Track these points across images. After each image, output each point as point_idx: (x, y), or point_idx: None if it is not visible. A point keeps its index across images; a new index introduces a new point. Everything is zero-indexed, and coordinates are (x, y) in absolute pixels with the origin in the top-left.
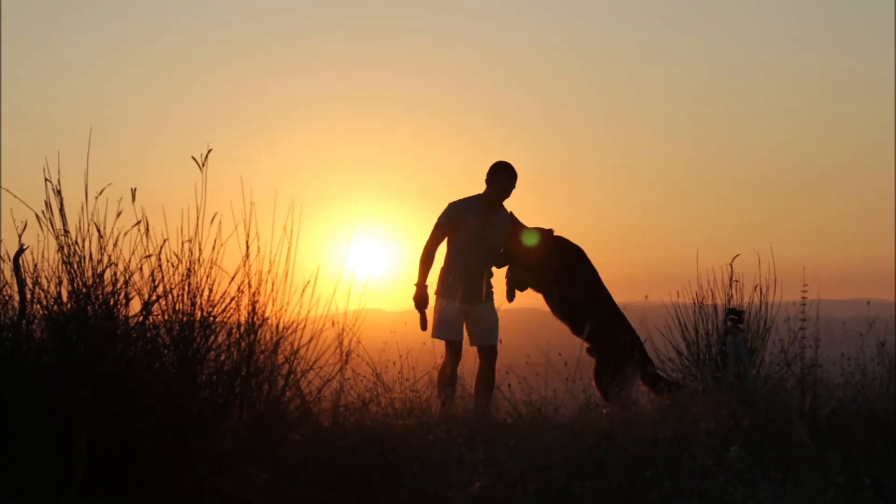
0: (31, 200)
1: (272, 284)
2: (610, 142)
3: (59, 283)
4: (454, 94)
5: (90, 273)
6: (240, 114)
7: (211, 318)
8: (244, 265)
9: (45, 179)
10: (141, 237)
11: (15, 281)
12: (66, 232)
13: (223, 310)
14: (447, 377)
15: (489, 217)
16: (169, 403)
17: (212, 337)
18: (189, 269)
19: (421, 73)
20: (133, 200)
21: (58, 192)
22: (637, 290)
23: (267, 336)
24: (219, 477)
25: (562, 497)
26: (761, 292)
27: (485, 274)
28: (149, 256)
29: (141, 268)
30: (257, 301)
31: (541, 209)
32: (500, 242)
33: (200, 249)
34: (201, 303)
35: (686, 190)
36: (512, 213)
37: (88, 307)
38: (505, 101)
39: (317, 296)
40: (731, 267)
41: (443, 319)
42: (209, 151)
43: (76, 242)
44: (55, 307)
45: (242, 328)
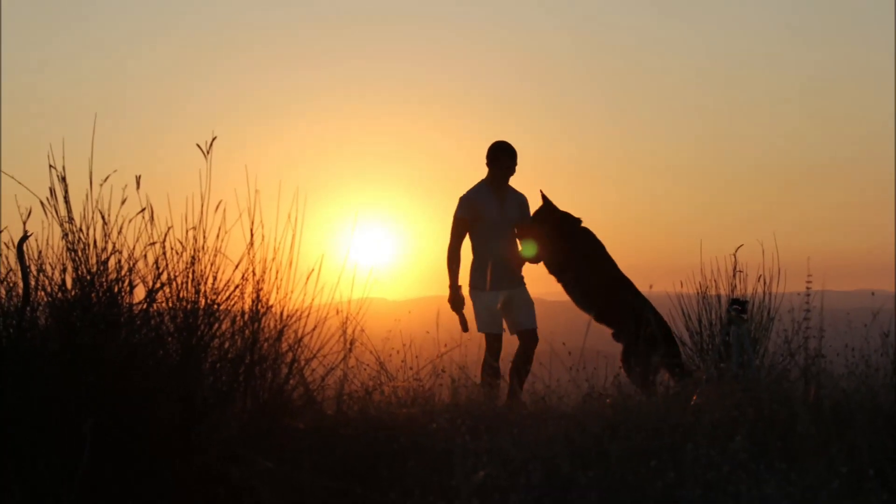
0: (36, 187)
1: (276, 272)
2: (614, 132)
3: (64, 271)
4: (459, 84)
5: (94, 260)
6: (245, 102)
7: (215, 306)
8: (248, 253)
9: (50, 166)
10: (145, 225)
11: (19, 268)
12: (71, 219)
13: (227, 298)
14: (493, 369)
15: (502, 196)
16: (173, 391)
17: (216, 325)
18: (193, 257)
19: (426, 63)
20: (138, 188)
21: (62, 179)
22: (641, 280)
23: (271, 324)
24: (223, 465)
25: (565, 486)
26: (765, 283)
27: (515, 254)
28: (153, 244)
29: (145, 255)
30: (261, 289)
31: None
32: (520, 218)
33: (205, 237)
34: (205, 290)
35: (690, 180)
36: (544, 195)
37: (93, 294)
38: (509, 91)
39: (321, 284)
40: (735, 257)
41: (485, 311)
42: (214, 139)
43: (80, 230)
44: (59, 294)
45: (246, 316)
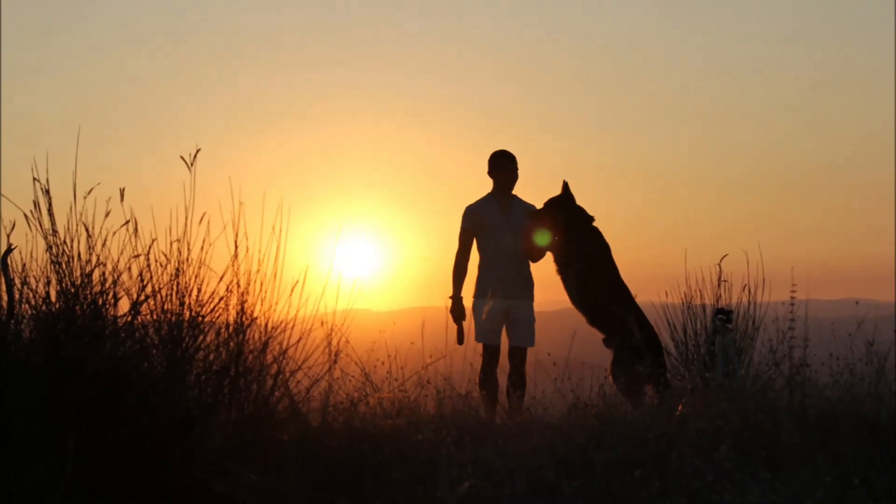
0: (20, 200)
1: (261, 284)
2: (598, 141)
3: (48, 283)
4: (445, 93)
5: (78, 273)
6: (228, 114)
7: (200, 318)
8: (233, 265)
9: (34, 179)
10: (129, 237)
11: (3, 281)
12: (55, 232)
13: (212, 310)
14: (491, 381)
15: (507, 206)
16: (158, 403)
17: (200, 337)
18: (178, 269)
19: (411, 73)
20: (122, 200)
21: (46, 192)
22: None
23: (256, 336)
24: (208, 477)
25: (551, 496)
26: (750, 292)
27: (523, 264)
28: (137, 256)
29: (129, 268)
30: (246, 301)
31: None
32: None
33: (189, 249)
34: (190, 303)
35: (674, 189)
36: (567, 184)
37: (77, 307)
38: (493, 101)
39: (305, 296)
40: (720, 267)
41: (485, 322)
42: (198, 151)
43: (64, 242)
44: (43, 307)
45: (231, 328)
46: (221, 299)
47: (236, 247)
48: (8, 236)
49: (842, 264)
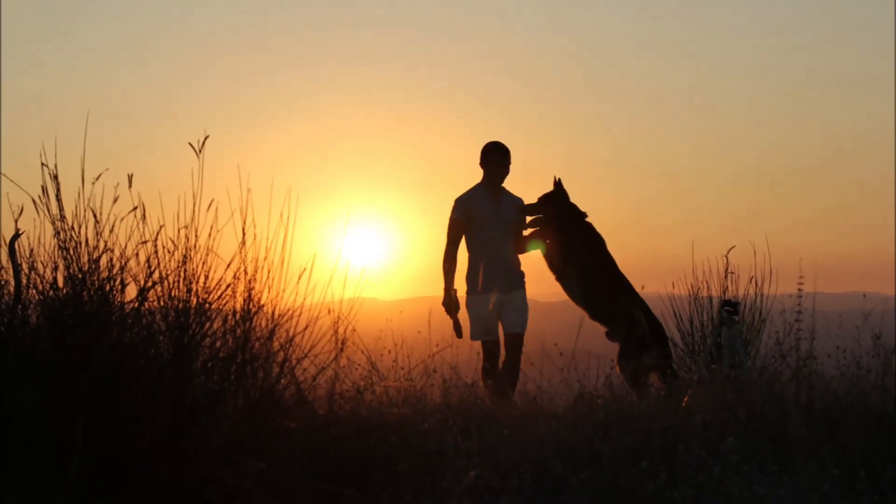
0: (28, 185)
1: (268, 272)
2: (606, 133)
3: (55, 269)
4: (451, 84)
5: (86, 259)
6: (237, 101)
7: (207, 305)
8: (240, 252)
9: (42, 164)
10: (137, 223)
11: (11, 266)
12: (63, 217)
13: (219, 297)
14: (494, 370)
15: (497, 198)
16: (164, 390)
17: (207, 324)
18: (185, 256)
19: (418, 63)
20: (130, 186)
21: (54, 178)
22: (633, 282)
23: (262, 323)
24: (214, 465)
25: (557, 487)
26: (757, 284)
27: (513, 257)
28: (145, 242)
29: (137, 254)
30: (253, 288)
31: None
32: (516, 220)
33: (197, 236)
34: (197, 289)
35: (682, 181)
36: (560, 181)
37: (84, 293)
38: (501, 92)
39: (313, 284)
40: (727, 258)
41: (478, 319)
42: (206, 138)
43: (72, 228)
44: (51, 293)
45: (238, 315)
46: (229, 286)
47: (244, 234)
48: (16, 221)
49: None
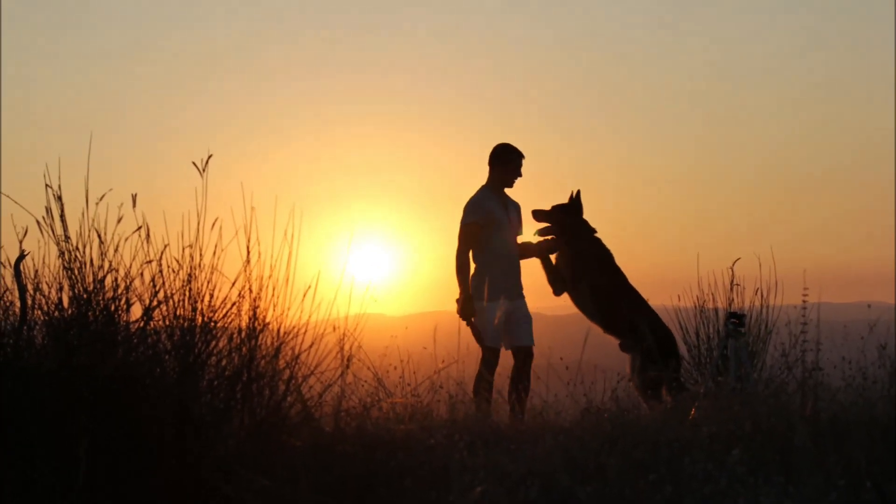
0: (32, 206)
1: (273, 289)
2: (609, 144)
3: (60, 289)
4: (454, 97)
5: (91, 279)
6: (240, 119)
7: (212, 324)
8: (245, 270)
9: (46, 185)
10: (142, 243)
11: (16, 287)
12: (67, 238)
13: (224, 315)
14: (489, 384)
15: (505, 201)
16: (170, 409)
17: (213, 342)
18: (190, 275)
19: (420, 76)
20: (134, 206)
21: (58, 198)
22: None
23: (268, 341)
24: (220, 483)
25: (564, 501)
26: (762, 296)
27: (518, 263)
28: (150, 262)
29: (142, 273)
30: (258, 306)
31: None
32: (520, 225)
33: (201, 255)
34: (202, 308)
35: (686, 193)
36: (579, 192)
37: (89, 313)
38: (503, 104)
39: (318, 300)
40: (732, 270)
41: (491, 324)
42: (209, 157)
43: (77, 248)
44: (56, 313)
45: (243, 333)
46: (234, 304)
47: (248, 252)
48: (20, 242)
49: (854, 267)
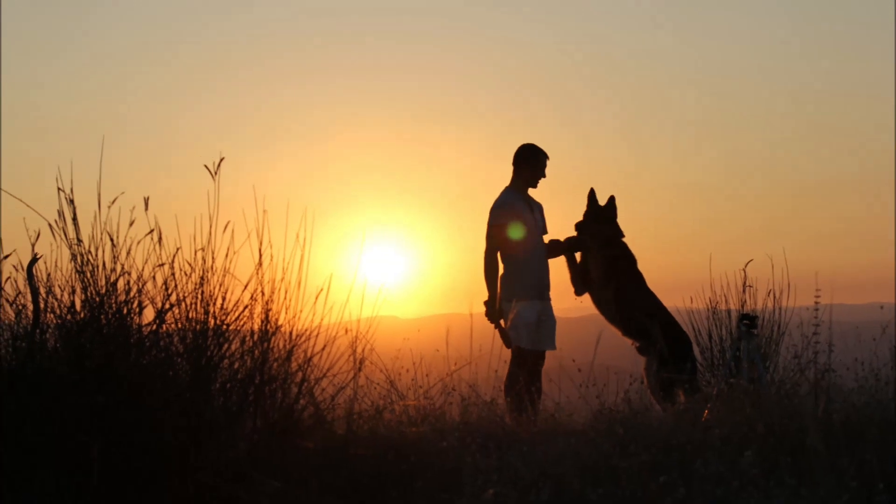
0: (44, 209)
1: (285, 292)
2: (621, 146)
3: (73, 292)
4: (467, 99)
5: (103, 282)
6: (252, 122)
7: (224, 327)
8: (257, 273)
9: (58, 189)
10: (154, 246)
11: (28, 290)
12: (80, 241)
13: (236, 318)
14: (532, 388)
15: (530, 202)
16: (182, 411)
17: (225, 345)
18: (202, 278)
19: (433, 78)
20: (146, 209)
21: (70, 202)
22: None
23: (280, 344)
24: (232, 485)
25: (576, 503)
26: (775, 297)
27: (547, 264)
28: (162, 265)
29: (154, 276)
30: (270, 309)
31: (550, 214)
32: (545, 225)
33: (213, 258)
34: (214, 311)
35: (698, 194)
36: (613, 198)
37: (102, 316)
38: (516, 104)
39: (330, 303)
40: (745, 272)
41: (525, 326)
42: (221, 160)
43: (89, 251)
44: (69, 316)
45: (256, 336)
46: (246, 307)
47: (260, 255)
48: (33, 246)
49: (866, 269)
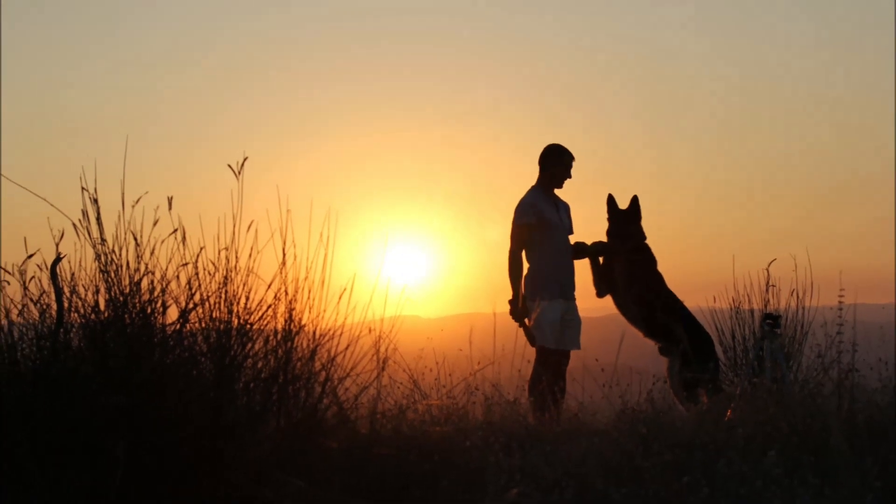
0: (68, 209)
1: (309, 292)
2: (643, 146)
3: (97, 292)
4: (490, 99)
5: (127, 281)
6: (276, 122)
7: (248, 326)
8: (281, 273)
9: (82, 188)
10: (178, 245)
11: (53, 290)
12: (103, 240)
13: (260, 317)
14: (556, 388)
15: (556, 202)
16: (206, 411)
17: (249, 344)
18: (226, 277)
19: (457, 78)
20: (169, 209)
21: (94, 201)
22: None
23: (304, 343)
24: (255, 484)
25: (599, 503)
26: (798, 297)
27: (572, 264)
28: (185, 264)
29: (178, 276)
30: (294, 308)
31: (574, 215)
32: (570, 224)
33: (237, 257)
34: (238, 310)
35: (722, 195)
36: (636, 198)
37: (126, 315)
38: (537, 104)
39: (353, 303)
40: (768, 271)
41: (550, 326)
42: (245, 159)
43: (113, 251)
44: (92, 316)
45: (279, 335)
46: (269, 307)
47: (284, 254)
48: (57, 245)
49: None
